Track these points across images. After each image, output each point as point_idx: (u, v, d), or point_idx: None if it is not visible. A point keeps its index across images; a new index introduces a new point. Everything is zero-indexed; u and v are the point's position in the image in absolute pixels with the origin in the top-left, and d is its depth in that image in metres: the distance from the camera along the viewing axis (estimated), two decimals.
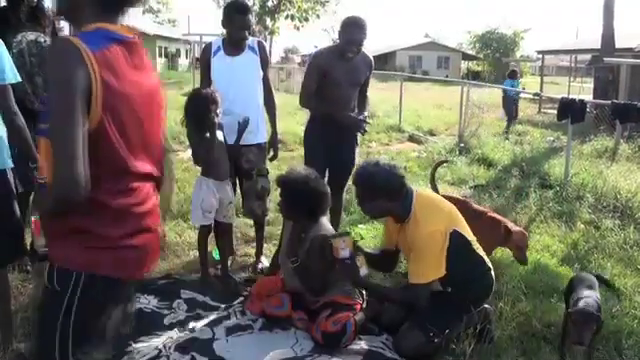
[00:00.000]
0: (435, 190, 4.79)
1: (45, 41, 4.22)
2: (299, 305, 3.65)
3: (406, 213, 3.30)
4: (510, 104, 14.33)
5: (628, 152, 9.47)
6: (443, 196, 3.90)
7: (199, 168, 4.71)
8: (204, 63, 4.52)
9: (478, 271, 3.40)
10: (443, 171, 8.49)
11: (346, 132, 4.56)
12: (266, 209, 4.68)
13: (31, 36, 4.11)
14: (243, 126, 4.18)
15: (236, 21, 4.29)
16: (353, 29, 4.37)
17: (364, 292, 3.70)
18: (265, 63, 4.50)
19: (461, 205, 3.84)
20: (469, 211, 4.04)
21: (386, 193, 3.27)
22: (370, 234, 5.22)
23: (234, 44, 4.38)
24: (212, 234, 4.39)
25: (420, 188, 3.95)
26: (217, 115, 4.02)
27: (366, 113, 4.65)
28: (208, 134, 3.99)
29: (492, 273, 3.44)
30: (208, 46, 4.54)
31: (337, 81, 4.46)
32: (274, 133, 4.65)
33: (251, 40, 4.46)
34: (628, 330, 3.55)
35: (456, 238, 3.24)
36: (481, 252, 3.42)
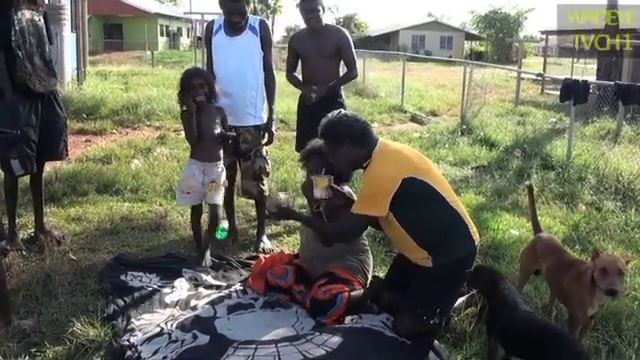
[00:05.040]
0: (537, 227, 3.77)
1: (40, 20, 4.19)
2: (302, 279, 3.67)
3: (368, 158, 3.29)
4: None
5: (631, 134, 9.43)
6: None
7: None
8: (207, 42, 4.50)
9: (451, 223, 3.28)
10: (445, 152, 8.49)
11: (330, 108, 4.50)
12: (263, 189, 4.68)
13: (27, 14, 4.07)
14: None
15: (226, 6, 4.29)
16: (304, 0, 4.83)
17: (368, 272, 3.72)
18: (266, 43, 4.46)
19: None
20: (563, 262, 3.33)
21: (349, 138, 3.26)
22: None
23: (232, 26, 4.35)
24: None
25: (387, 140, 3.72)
26: (201, 95, 4.02)
27: (324, 86, 4.77)
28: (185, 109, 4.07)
29: (472, 231, 3.31)
30: (210, 25, 4.53)
31: (307, 56, 4.97)
32: (270, 117, 4.58)
33: (253, 19, 4.43)
34: (628, 311, 3.56)
35: (411, 185, 3.17)
36: (457, 207, 3.31)
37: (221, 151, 4.22)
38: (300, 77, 5.07)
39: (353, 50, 5.00)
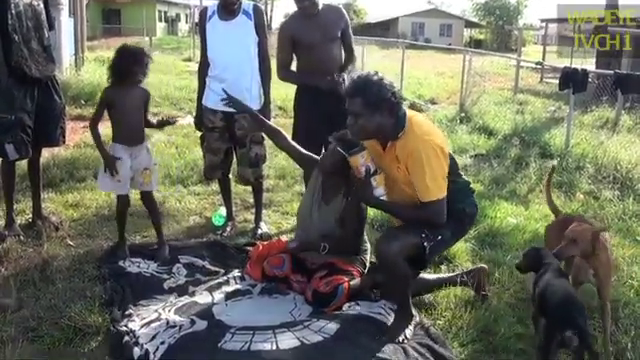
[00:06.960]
0: (555, 210, 3.86)
1: (39, 4, 4.17)
2: (299, 267, 3.66)
3: (400, 128, 3.06)
4: None
5: (629, 123, 9.44)
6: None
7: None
8: (201, 29, 4.46)
9: (464, 188, 3.36)
10: None
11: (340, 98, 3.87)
12: (260, 175, 4.65)
13: None
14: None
15: None
16: None
17: (367, 260, 3.71)
18: (260, 28, 4.39)
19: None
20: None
21: (389, 105, 3.02)
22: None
23: (225, 9, 4.32)
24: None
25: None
26: (142, 76, 3.97)
27: (345, 74, 4.29)
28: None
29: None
30: (204, 11, 4.50)
31: (309, 42, 4.37)
32: (266, 102, 4.50)
33: (247, 4, 4.39)
34: (625, 300, 3.57)
35: (451, 159, 3.21)
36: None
37: (144, 132, 4.09)
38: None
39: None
